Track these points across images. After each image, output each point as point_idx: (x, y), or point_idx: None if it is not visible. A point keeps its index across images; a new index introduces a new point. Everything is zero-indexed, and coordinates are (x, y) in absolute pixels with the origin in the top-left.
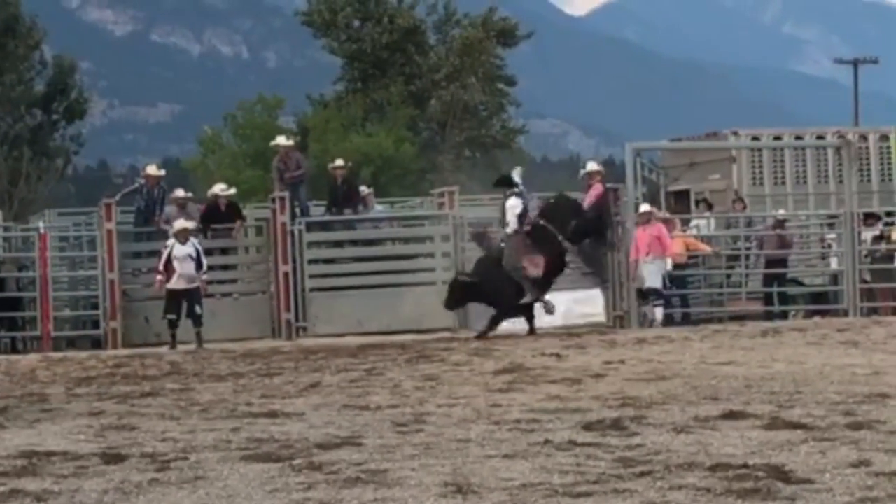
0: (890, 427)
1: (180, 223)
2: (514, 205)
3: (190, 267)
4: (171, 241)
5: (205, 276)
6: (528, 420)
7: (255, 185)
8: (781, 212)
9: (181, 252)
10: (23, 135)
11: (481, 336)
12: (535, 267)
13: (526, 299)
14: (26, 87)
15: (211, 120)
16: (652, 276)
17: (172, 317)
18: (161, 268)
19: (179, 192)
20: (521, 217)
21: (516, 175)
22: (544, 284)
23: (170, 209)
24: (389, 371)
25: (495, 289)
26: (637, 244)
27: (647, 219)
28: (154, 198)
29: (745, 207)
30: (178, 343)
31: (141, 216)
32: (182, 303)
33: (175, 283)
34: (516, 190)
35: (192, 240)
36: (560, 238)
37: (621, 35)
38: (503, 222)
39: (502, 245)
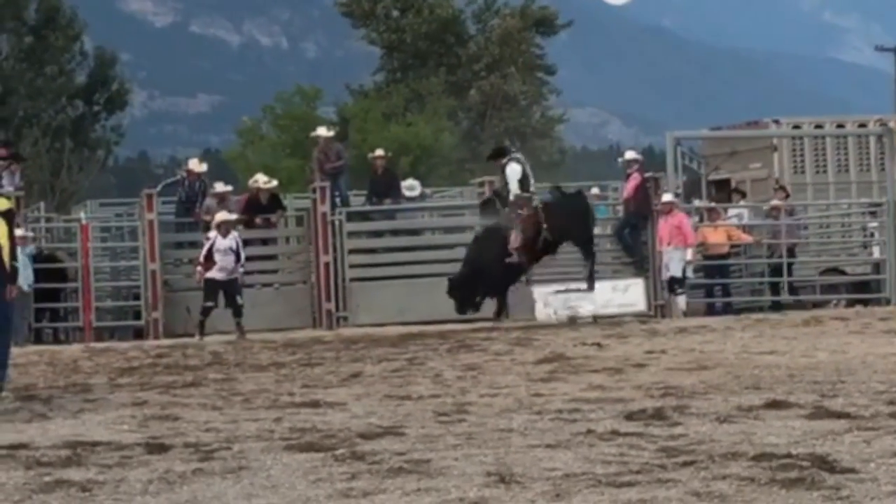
0: None
1: (222, 215)
2: (514, 170)
3: (230, 259)
4: (213, 234)
5: (241, 269)
6: (569, 410)
7: (294, 175)
8: (774, 201)
9: (223, 245)
10: (64, 126)
11: (496, 320)
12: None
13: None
14: (67, 79)
15: (250, 111)
16: (673, 265)
17: (211, 304)
18: (202, 259)
19: (219, 187)
20: (523, 181)
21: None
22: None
23: (210, 202)
24: (431, 361)
25: (487, 274)
26: (660, 235)
27: (669, 209)
28: (195, 191)
29: (787, 196)
30: (219, 333)
31: (182, 207)
32: (219, 293)
33: (214, 274)
34: (514, 156)
35: (233, 232)
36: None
37: (660, 23)
38: (506, 190)
39: (508, 214)
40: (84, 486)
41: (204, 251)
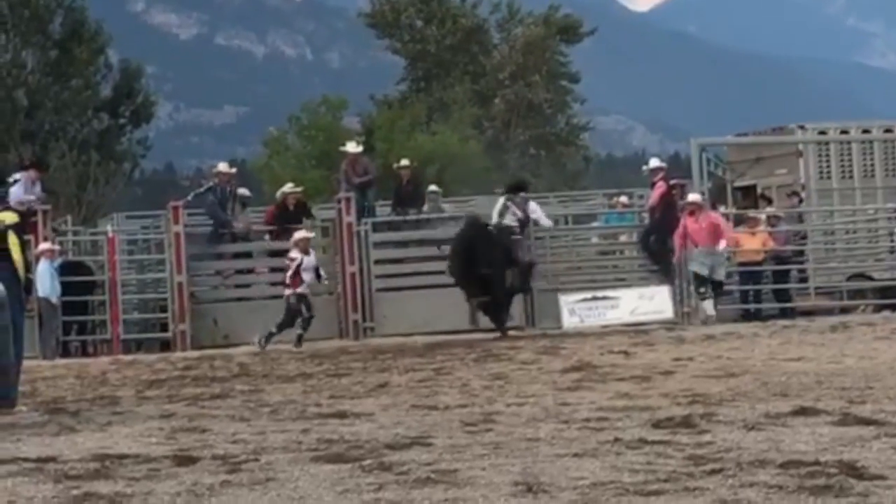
0: None
1: (302, 233)
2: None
3: (312, 276)
4: (295, 254)
5: (325, 282)
6: (597, 418)
7: (320, 185)
8: (770, 209)
9: (309, 263)
10: (90, 139)
11: (502, 333)
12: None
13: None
14: (93, 92)
15: (276, 121)
16: (718, 268)
17: (310, 315)
18: (289, 279)
19: (243, 191)
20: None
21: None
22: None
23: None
24: (457, 370)
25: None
26: (689, 235)
27: (694, 209)
28: (227, 195)
29: (800, 202)
30: (237, 345)
31: (220, 208)
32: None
33: (302, 289)
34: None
35: (311, 250)
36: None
37: (684, 30)
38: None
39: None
40: (112, 499)
41: (291, 271)
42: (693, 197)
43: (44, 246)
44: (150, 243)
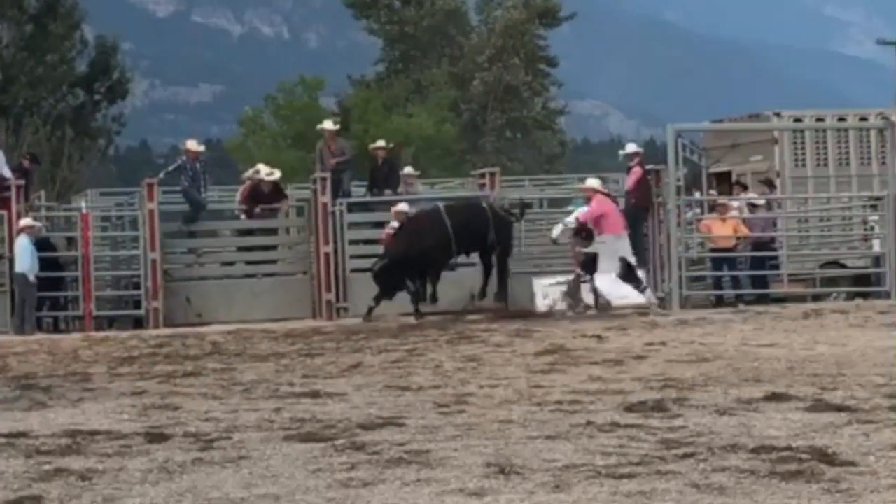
0: None
1: (402, 206)
2: None
3: None
4: (394, 223)
5: None
6: (569, 401)
7: (296, 166)
8: (752, 195)
9: None
10: (65, 115)
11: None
12: None
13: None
14: (68, 68)
15: (252, 101)
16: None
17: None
18: None
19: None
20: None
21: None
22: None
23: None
24: (431, 352)
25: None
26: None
27: (590, 195)
28: (198, 172)
29: (772, 188)
30: (210, 323)
31: (194, 188)
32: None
33: None
34: None
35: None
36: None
37: (662, 16)
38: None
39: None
40: (83, 474)
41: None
42: (590, 182)
43: (25, 222)
44: (123, 220)
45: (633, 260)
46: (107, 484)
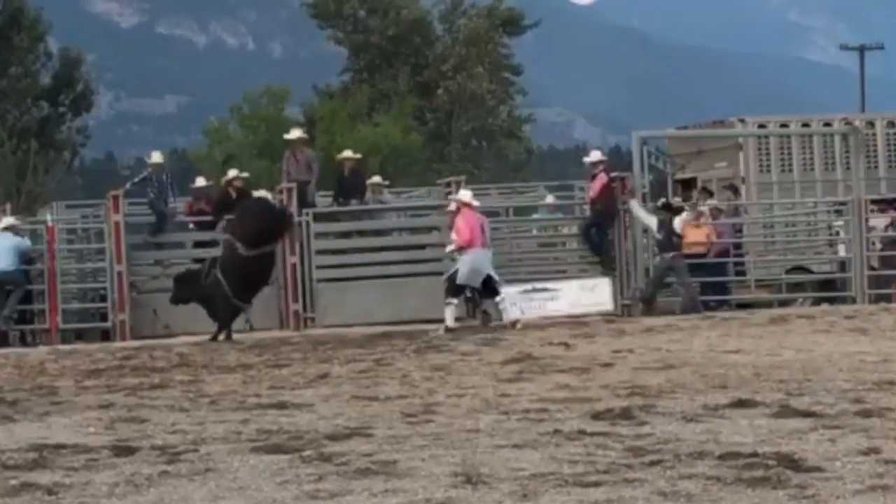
0: None
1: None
2: None
3: None
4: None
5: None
6: (537, 410)
7: (262, 175)
8: (710, 202)
9: None
10: (30, 127)
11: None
12: None
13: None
14: (32, 80)
15: (217, 111)
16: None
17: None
18: None
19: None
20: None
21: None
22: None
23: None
24: (398, 361)
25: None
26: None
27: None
28: (164, 184)
29: (736, 194)
30: (177, 335)
31: (160, 202)
32: None
33: None
34: None
35: None
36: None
37: (627, 23)
38: None
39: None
40: (50, 489)
41: None
42: (462, 194)
43: (7, 221)
44: (89, 232)
45: (494, 273)
46: (74, 498)
